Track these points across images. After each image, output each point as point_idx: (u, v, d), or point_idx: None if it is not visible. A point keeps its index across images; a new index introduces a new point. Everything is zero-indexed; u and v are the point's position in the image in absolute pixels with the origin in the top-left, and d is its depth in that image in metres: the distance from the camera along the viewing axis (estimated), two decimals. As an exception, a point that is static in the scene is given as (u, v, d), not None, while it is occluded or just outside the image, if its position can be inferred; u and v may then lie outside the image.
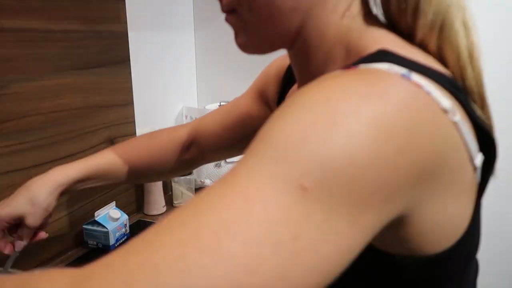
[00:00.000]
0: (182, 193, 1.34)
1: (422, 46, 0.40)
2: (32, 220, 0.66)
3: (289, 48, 0.45)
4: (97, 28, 1.09)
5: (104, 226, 1.06)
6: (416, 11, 0.39)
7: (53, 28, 0.97)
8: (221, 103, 1.47)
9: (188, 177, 1.33)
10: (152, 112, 1.38)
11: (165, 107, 1.46)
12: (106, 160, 0.72)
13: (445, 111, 0.33)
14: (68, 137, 1.03)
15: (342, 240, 0.28)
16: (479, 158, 0.37)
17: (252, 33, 0.44)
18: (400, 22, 0.40)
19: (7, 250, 0.68)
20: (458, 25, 0.39)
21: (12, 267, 0.74)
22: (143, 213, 1.29)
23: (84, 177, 0.71)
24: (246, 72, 1.53)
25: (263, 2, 0.40)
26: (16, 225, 0.68)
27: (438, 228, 0.35)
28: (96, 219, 1.07)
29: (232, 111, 0.71)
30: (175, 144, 0.75)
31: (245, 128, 0.69)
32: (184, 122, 1.51)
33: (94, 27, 1.08)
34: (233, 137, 0.71)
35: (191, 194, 1.35)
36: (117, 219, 1.10)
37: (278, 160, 0.28)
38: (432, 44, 0.39)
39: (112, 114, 1.17)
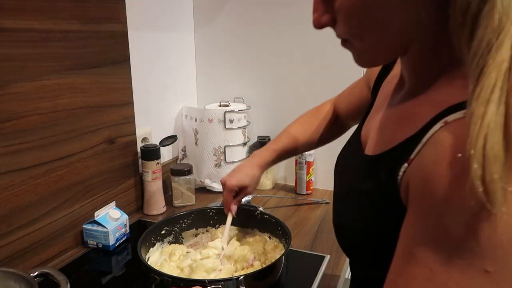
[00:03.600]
0: (182, 193, 1.34)
1: None
2: (252, 189, 0.98)
3: (401, 57, 0.53)
4: (97, 28, 1.09)
5: (104, 226, 1.06)
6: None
7: (53, 28, 0.97)
8: (221, 103, 1.47)
9: (188, 177, 1.33)
10: (152, 112, 1.39)
11: (165, 107, 1.46)
12: (287, 143, 0.99)
13: None
14: (68, 137, 1.03)
15: None
16: None
17: (365, 56, 0.52)
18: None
19: (233, 210, 0.99)
20: None
21: (11, 267, 0.73)
22: (143, 213, 1.29)
23: (275, 159, 0.99)
24: (246, 72, 1.53)
25: (371, 34, 0.47)
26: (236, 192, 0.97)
27: None
28: (96, 219, 1.07)
29: (355, 90, 0.92)
30: (327, 119, 0.99)
31: (362, 106, 0.86)
32: (184, 122, 1.51)
33: (94, 27, 1.08)
34: (355, 111, 0.91)
35: (191, 194, 1.35)
36: (117, 219, 1.10)
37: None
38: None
39: (112, 114, 1.17)
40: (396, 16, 0.45)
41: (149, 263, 0.91)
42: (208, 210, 1.08)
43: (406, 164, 0.46)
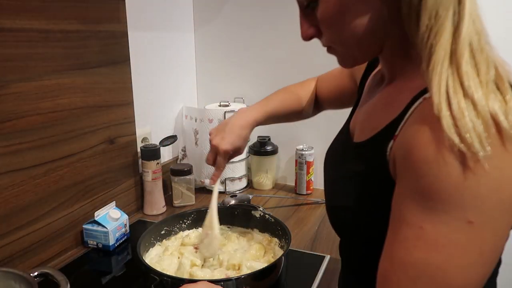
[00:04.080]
0: (182, 193, 1.34)
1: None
2: (243, 150, 0.97)
3: (380, 54, 0.60)
4: (97, 28, 1.09)
5: (104, 226, 1.06)
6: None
7: (53, 28, 0.97)
8: (221, 103, 1.47)
9: (188, 177, 1.33)
10: (152, 112, 1.39)
11: (165, 107, 1.46)
12: (276, 106, 0.98)
13: None
14: (68, 137, 1.03)
15: (504, 236, 0.45)
16: None
17: (348, 58, 0.60)
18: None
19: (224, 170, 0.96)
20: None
21: (11, 267, 0.73)
22: (143, 213, 1.29)
23: (264, 121, 0.97)
24: (246, 72, 1.53)
25: (349, 37, 0.55)
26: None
27: None
28: (96, 219, 1.07)
29: (337, 77, 0.96)
30: (311, 94, 1.02)
31: (342, 93, 0.94)
32: (184, 122, 1.51)
33: (93, 27, 1.08)
34: (334, 96, 0.98)
35: (191, 194, 1.35)
36: (117, 219, 1.10)
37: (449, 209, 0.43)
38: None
39: (112, 114, 1.17)
40: (366, 18, 0.53)
41: (149, 263, 0.91)
42: (208, 210, 1.08)
43: (392, 141, 0.51)
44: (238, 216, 1.07)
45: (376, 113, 0.61)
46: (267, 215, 1.04)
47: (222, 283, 0.78)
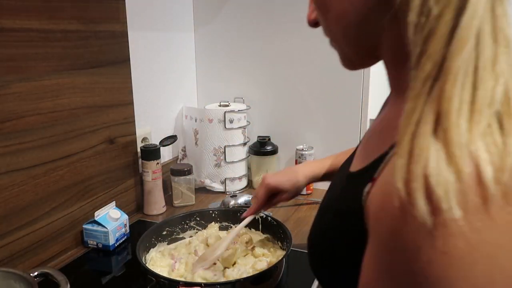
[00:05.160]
0: (182, 193, 1.34)
1: None
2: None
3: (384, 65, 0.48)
4: (96, 28, 1.09)
5: (104, 226, 1.06)
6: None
7: (53, 28, 0.97)
8: (221, 103, 1.47)
9: (188, 177, 1.33)
10: (152, 112, 1.38)
11: (165, 107, 1.46)
12: (337, 162, 0.92)
13: None
14: (68, 137, 1.03)
15: None
16: None
17: (343, 56, 0.51)
18: None
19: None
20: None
21: (11, 267, 0.73)
22: (143, 213, 1.29)
23: (326, 174, 0.94)
24: (246, 72, 1.53)
25: (334, 25, 0.47)
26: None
27: None
28: (96, 219, 1.07)
29: None
30: None
31: None
32: (184, 122, 1.51)
33: (93, 27, 1.08)
34: None
35: (191, 194, 1.35)
36: (117, 219, 1.10)
37: None
38: None
39: (112, 114, 1.17)
40: (350, 4, 0.43)
41: (149, 263, 0.91)
42: (211, 212, 1.08)
43: (370, 184, 0.40)
44: (239, 217, 1.07)
45: (372, 139, 0.51)
46: (268, 217, 1.04)
47: (218, 286, 0.78)
